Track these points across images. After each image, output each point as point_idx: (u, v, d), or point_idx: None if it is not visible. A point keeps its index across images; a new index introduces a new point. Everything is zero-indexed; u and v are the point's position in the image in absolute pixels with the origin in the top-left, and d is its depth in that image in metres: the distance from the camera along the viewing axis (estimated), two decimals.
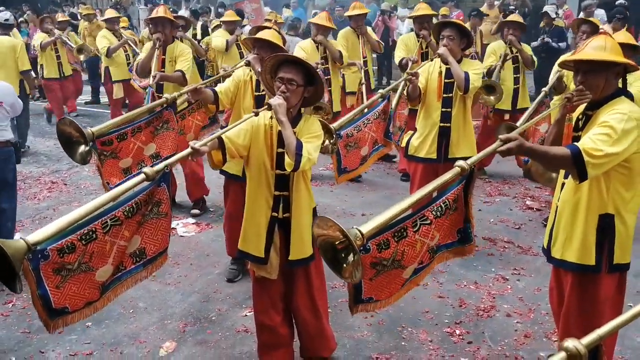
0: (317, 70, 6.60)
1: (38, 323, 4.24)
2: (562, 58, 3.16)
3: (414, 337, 4.15)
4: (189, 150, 3.14)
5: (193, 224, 6.20)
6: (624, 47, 4.34)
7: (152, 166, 3.17)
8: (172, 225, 6.02)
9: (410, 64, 6.62)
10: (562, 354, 1.65)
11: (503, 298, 4.66)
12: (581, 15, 11.27)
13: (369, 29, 8.41)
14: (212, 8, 14.72)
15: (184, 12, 13.33)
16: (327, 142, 4.26)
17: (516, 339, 4.12)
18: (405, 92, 5.11)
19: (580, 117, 3.09)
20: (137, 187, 3.06)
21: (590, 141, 2.75)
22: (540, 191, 7.03)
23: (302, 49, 7.08)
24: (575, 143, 2.81)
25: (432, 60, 5.20)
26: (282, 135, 3.25)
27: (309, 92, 3.38)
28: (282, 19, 10.30)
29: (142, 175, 3.06)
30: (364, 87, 7.26)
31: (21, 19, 14.17)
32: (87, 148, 4.05)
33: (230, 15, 8.72)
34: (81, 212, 2.83)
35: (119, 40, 9.33)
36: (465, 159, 5.06)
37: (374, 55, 9.76)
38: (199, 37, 11.18)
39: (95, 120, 10.71)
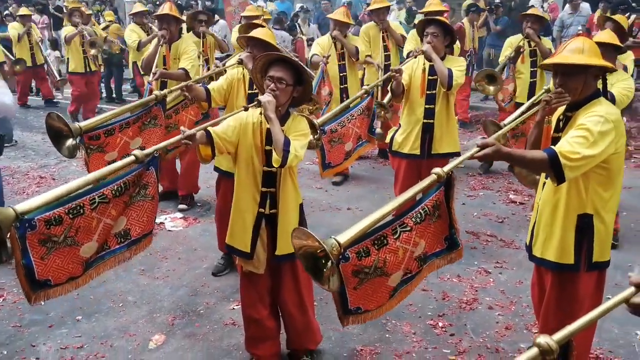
0: (323, 64, 6.74)
1: (29, 317, 4.31)
2: (547, 61, 3.21)
3: (397, 329, 4.25)
4: (180, 135, 3.20)
5: (181, 218, 6.27)
6: (608, 46, 4.44)
7: None
8: (161, 220, 6.12)
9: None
10: (535, 350, 1.73)
11: (485, 291, 4.78)
12: (567, 8, 11.43)
13: (394, 23, 8.35)
14: (199, 2, 14.69)
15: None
16: (311, 137, 4.33)
17: (497, 330, 4.24)
18: (389, 88, 5.19)
19: (560, 118, 3.16)
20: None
21: (567, 144, 2.80)
22: (523, 185, 7.14)
23: (319, 44, 7.19)
24: (553, 146, 2.86)
25: (415, 57, 5.28)
26: (270, 133, 3.31)
27: (298, 92, 3.44)
28: (269, 14, 10.28)
29: (132, 157, 3.15)
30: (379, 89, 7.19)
31: (6, 12, 14.07)
32: (75, 142, 4.09)
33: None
34: (70, 187, 2.92)
35: (147, 34, 9.14)
36: (448, 154, 5.27)
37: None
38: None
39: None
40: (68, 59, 10.24)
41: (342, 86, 7.17)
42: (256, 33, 4.36)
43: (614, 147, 2.87)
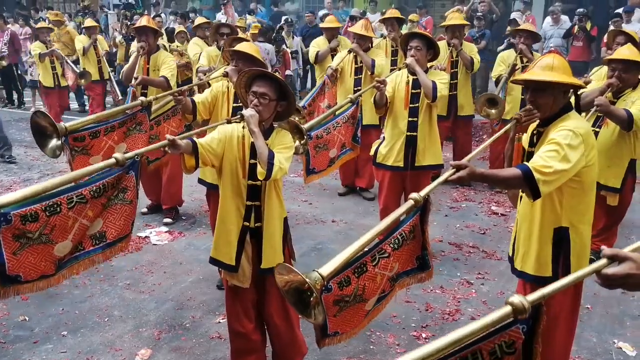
0: (327, 77, 6.79)
1: (14, 333, 4.31)
2: (516, 77, 3.30)
3: (382, 340, 4.30)
4: (165, 142, 3.24)
5: (166, 232, 6.28)
6: (631, 63, 4.67)
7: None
8: (146, 234, 6.12)
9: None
10: (508, 308, 1.79)
11: (467, 302, 4.84)
12: (548, 19, 11.61)
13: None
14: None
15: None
16: (297, 142, 4.35)
17: None
18: (372, 99, 5.25)
19: (534, 132, 3.24)
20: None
21: (540, 159, 2.87)
22: (505, 197, 7.24)
23: (316, 42, 7.44)
24: (526, 162, 2.94)
25: (399, 69, 5.38)
26: (254, 146, 3.36)
27: (282, 107, 3.49)
28: (256, 27, 10.32)
29: (113, 160, 3.18)
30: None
31: (39, 16, 13.99)
32: (59, 142, 4.09)
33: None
34: (48, 185, 2.94)
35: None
36: (431, 167, 5.35)
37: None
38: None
39: None
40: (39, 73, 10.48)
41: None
42: (241, 47, 4.42)
43: (585, 160, 2.94)
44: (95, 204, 3.18)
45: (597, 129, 5.02)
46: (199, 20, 9.47)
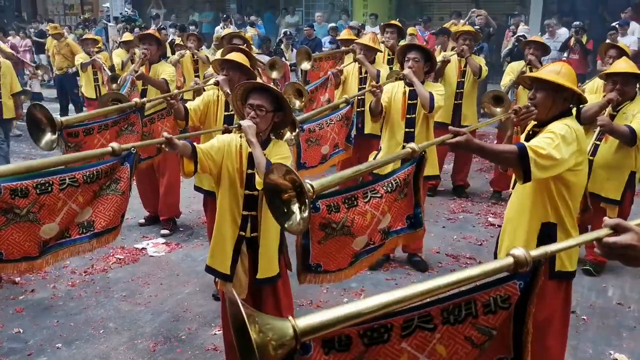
0: (331, 73, 6.82)
1: (8, 345, 4.28)
2: (525, 75, 3.41)
3: None
4: (162, 139, 3.24)
5: (163, 243, 6.26)
6: (629, 75, 4.79)
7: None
8: (142, 246, 6.10)
9: None
10: (510, 259, 1.75)
11: None
12: (545, 36, 11.69)
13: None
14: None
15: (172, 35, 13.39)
16: (289, 134, 4.34)
17: None
18: (367, 107, 5.27)
19: (530, 132, 3.29)
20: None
21: (536, 141, 2.95)
22: (502, 208, 7.24)
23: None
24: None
25: (395, 79, 5.39)
26: (251, 157, 3.37)
27: (279, 117, 3.50)
28: (252, 41, 10.38)
29: (109, 149, 3.21)
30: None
31: (41, 28, 14.07)
32: (54, 136, 4.09)
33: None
34: (41, 163, 2.95)
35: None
36: (427, 177, 5.34)
37: None
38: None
39: None
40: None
41: (358, 109, 7.00)
42: (230, 56, 4.47)
43: (575, 159, 3.00)
44: (86, 190, 3.17)
45: (598, 142, 5.08)
46: (127, 36, 9.75)
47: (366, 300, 1.59)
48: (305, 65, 7.15)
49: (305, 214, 2.38)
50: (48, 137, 4.04)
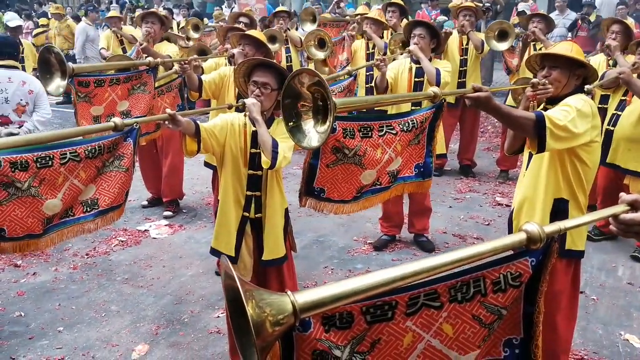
0: (347, 34, 6.89)
1: (9, 329, 4.24)
2: (537, 52, 3.34)
3: None
4: (165, 115, 3.13)
5: (166, 225, 6.20)
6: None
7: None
8: (145, 228, 6.04)
9: None
10: (523, 235, 1.66)
11: None
12: (555, 13, 11.49)
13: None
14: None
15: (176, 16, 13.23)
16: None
17: None
18: (373, 83, 5.19)
19: (543, 109, 3.21)
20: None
21: (554, 112, 2.89)
22: (509, 187, 7.16)
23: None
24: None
25: (401, 54, 5.33)
26: (255, 135, 3.28)
27: None
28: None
29: (111, 124, 3.10)
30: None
31: (42, 10, 13.97)
32: (64, 82, 4.05)
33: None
34: (41, 136, 2.90)
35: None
36: (437, 155, 5.25)
37: None
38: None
39: (67, 122, 10.63)
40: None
41: (367, 86, 7.09)
42: (252, 32, 4.42)
43: (589, 135, 2.94)
44: (88, 165, 3.10)
45: (620, 112, 5.05)
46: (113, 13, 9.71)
47: (369, 275, 1.49)
48: (309, 27, 7.05)
49: (325, 127, 2.21)
50: (58, 81, 4.00)
